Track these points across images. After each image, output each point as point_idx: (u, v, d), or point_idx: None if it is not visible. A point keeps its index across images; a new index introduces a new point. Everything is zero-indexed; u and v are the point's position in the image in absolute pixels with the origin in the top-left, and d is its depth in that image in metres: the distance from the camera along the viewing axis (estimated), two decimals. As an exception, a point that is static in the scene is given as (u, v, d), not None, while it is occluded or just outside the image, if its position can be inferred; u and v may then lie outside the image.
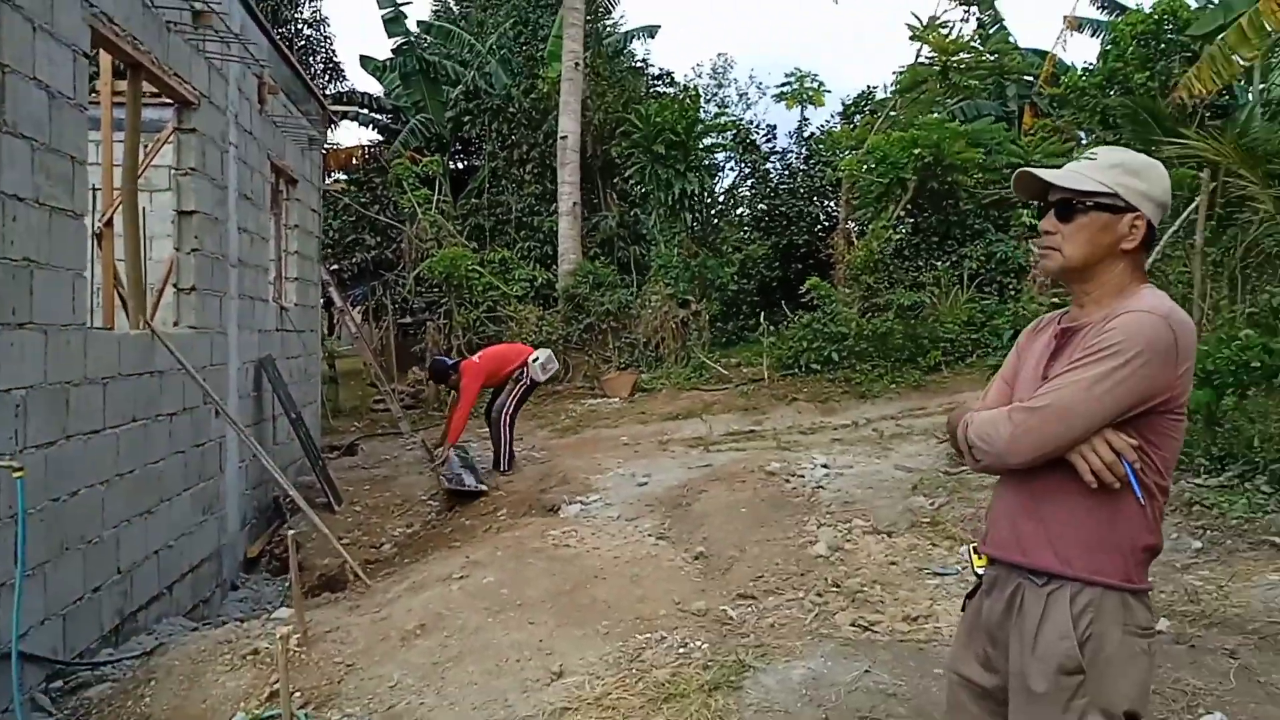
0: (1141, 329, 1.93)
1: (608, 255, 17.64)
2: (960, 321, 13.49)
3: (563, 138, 15.54)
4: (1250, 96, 18.44)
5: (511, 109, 18.12)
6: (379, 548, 8.52)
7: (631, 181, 15.87)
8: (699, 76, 29.68)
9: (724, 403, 13.37)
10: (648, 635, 4.83)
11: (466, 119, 19.39)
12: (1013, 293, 14.08)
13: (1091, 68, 17.77)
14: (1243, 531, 5.75)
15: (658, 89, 19.90)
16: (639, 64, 19.34)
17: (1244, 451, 6.46)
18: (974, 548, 2.29)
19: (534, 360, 9.84)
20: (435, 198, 16.56)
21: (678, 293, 15.22)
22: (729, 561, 6.14)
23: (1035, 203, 2.24)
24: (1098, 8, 21.27)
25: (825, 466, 8.55)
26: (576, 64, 15.42)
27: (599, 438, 12.09)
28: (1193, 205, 8.67)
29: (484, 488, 9.02)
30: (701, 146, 16.29)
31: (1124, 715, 1.97)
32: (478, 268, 15.47)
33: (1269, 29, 8.89)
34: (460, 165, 23.43)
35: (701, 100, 20.23)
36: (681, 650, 4.61)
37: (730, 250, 20.33)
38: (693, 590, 5.61)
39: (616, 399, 14.33)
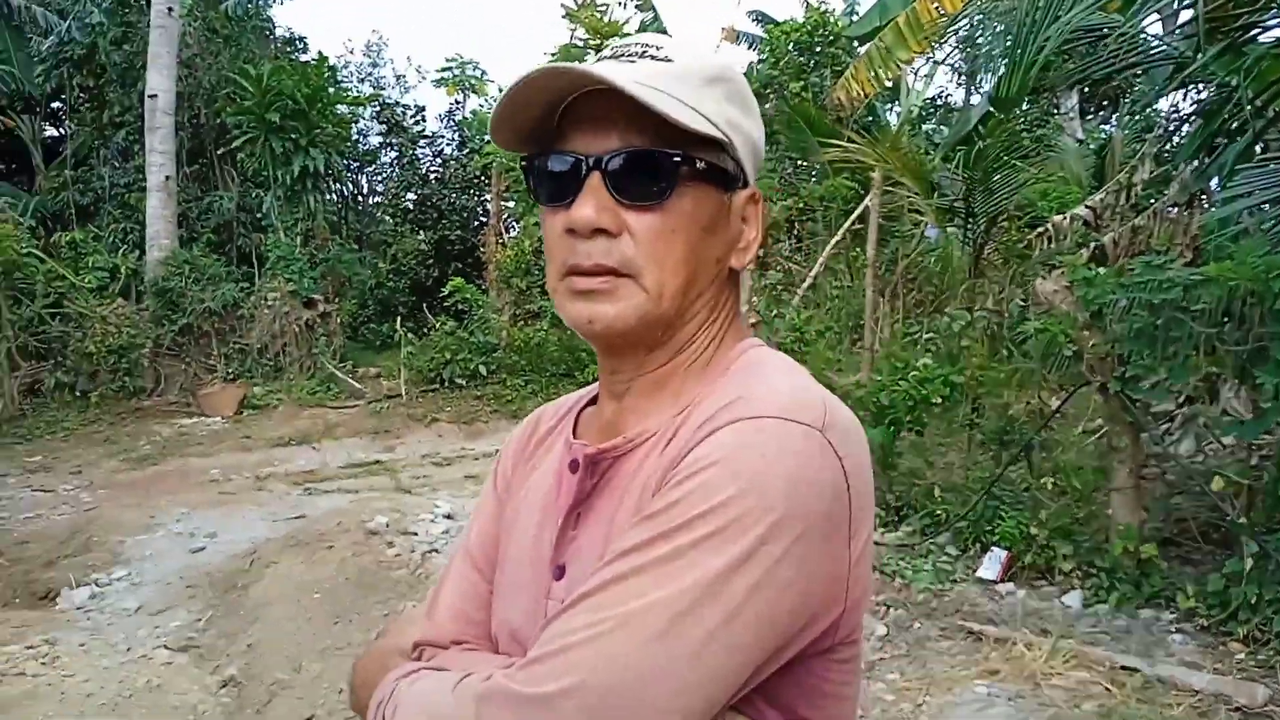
0: (777, 463, 0.80)
1: (227, 243, 14.86)
2: (622, 333, 12.36)
3: (152, 96, 12.61)
4: (894, 116, 19.22)
5: (99, 59, 14.70)
6: None
7: (241, 155, 13.24)
8: (350, 53, 26.95)
9: (350, 424, 11.31)
10: None
11: (40, 74, 15.64)
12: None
13: (749, 74, 17.61)
14: (931, 610, 4.71)
15: (290, 55, 17.20)
16: (263, 23, 16.53)
17: (923, 502, 5.53)
18: None
19: None
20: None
21: (301, 290, 12.84)
22: (272, 690, 4.23)
23: (535, 162, 0.98)
24: (754, 20, 21.45)
25: (449, 517, 6.87)
26: (170, 9, 12.58)
27: (184, 471, 9.64)
28: (855, 213, 7.89)
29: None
30: (334, 120, 13.99)
31: None
32: (36, 253, 12.13)
33: (925, 27, 8.34)
34: (59, 131, 19.37)
35: (342, 72, 17.88)
36: None
37: (381, 243, 18.16)
38: (195, 757, 3.65)
39: (218, 418, 11.74)
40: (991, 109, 8.13)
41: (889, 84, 10.41)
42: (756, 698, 0.85)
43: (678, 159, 0.91)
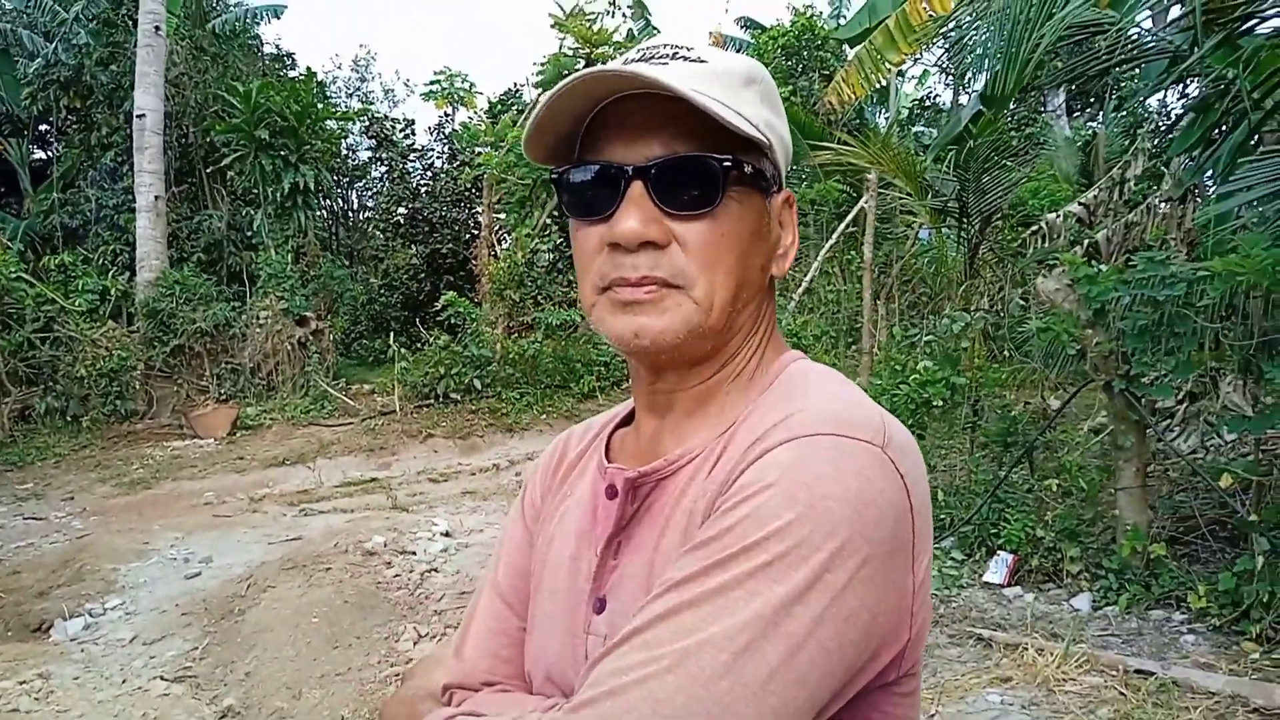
0: (838, 484, 0.74)
1: (218, 262, 14.77)
2: (614, 342, 12.29)
3: (139, 115, 12.52)
4: (883, 119, 19.23)
5: (86, 80, 14.62)
6: None
7: (230, 173, 13.17)
8: (339, 68, 26.94)
9: (345, 441, 11.21)
10: None
11: (27, 97, 15.55)
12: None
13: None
14: (939, 617, 4.64)
15: (279, 72, 17.13)
16: (252, 41, 16.45)
17: (926, 506, 5.45)
18: None
19: None
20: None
21: (293, 307, 12.74)
22: (271, 719, 4.13)
23: (570, 176, 0.91)
24: (741, 27, 21.45)
25: (447, 534, 6.79)
26: (158, 28, 12.50)
27: (177, 494, 9.53)
28: (851, 215, 7.84)
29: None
30: (324, 136, 13.93)
31: None
32: (25, 277, 12.02)
33: (916, 29, 8.31)
34: (46, 154, 19.29)
35: (331, 88, 17.79)
36: None
37: (372, 258, 18.10)
38: (193, 792, 3.55)
39: (211, 440, 11.63)
40: (983, 108, 8.09)
41: (880, 86, 10.39)
42: None
43: (728, 164, 0.85)
